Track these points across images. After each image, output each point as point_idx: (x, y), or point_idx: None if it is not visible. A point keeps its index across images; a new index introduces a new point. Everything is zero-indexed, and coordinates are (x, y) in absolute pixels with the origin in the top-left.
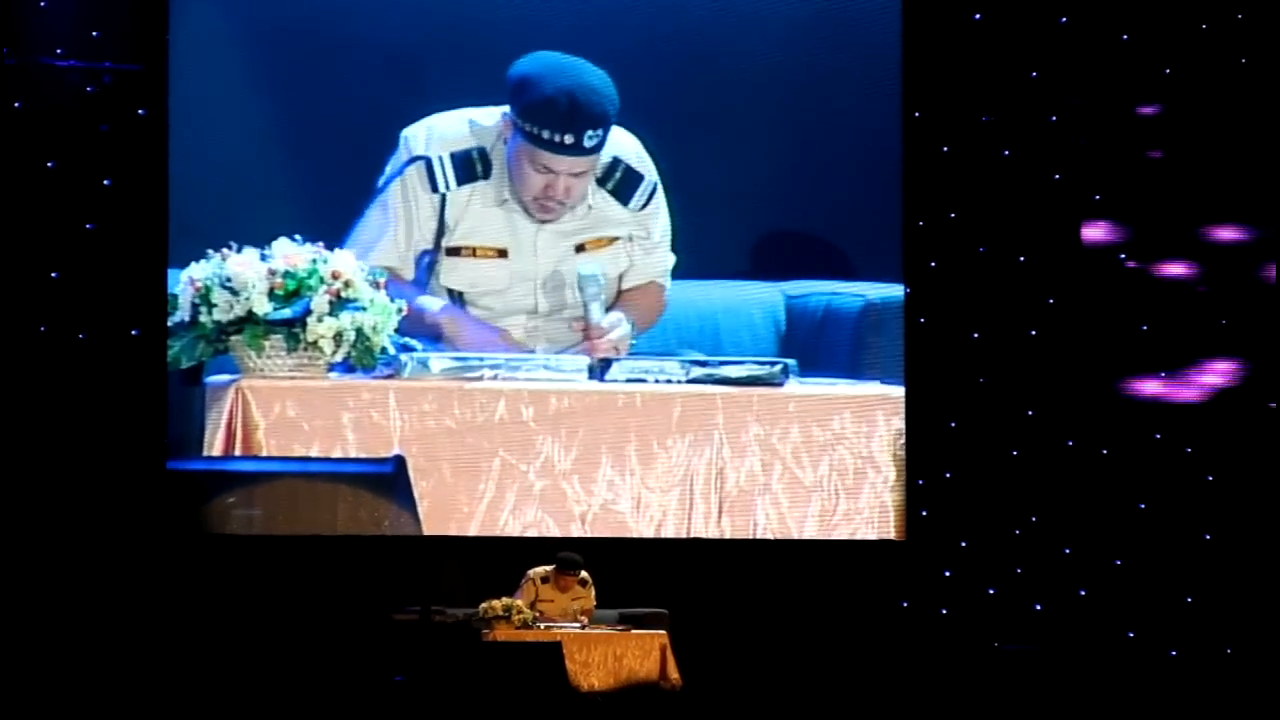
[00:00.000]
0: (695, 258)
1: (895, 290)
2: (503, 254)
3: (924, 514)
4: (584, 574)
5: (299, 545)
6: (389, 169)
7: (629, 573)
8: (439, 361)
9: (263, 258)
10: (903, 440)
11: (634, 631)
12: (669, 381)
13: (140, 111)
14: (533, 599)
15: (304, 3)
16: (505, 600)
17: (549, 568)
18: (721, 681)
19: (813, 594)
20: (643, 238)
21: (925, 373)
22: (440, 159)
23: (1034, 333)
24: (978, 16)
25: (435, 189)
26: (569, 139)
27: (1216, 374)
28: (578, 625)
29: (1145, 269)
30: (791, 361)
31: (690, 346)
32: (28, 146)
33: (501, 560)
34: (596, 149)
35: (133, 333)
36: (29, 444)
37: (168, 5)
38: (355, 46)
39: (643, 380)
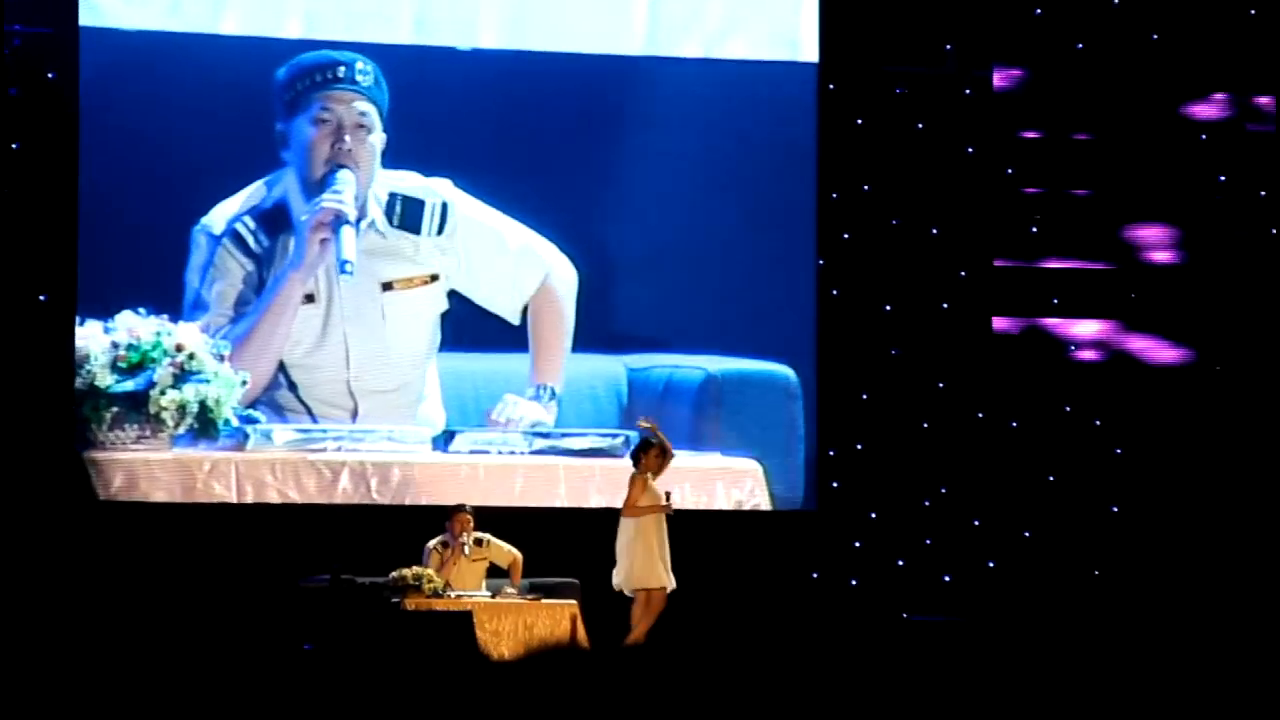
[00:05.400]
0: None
1: (736, 363)
2: (310, 299)
3: (834, 485)
4: (480, 534)
5: (205, 513)
6: (195, 265)
7: (542, 542)
8: (282, 433)
9: (106, 330)
10: (751, 504)
11: (545, 601)
12: (512, 453)
13: (50, 75)
14: (438, 565)
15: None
16: (416, 569)
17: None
18: (631, 651)
19: (724, 564)
20: (456, 264)
21: (837, 344)
22: (243, 222)
23: (945, 305)
24: None
25: (250, 253)
26: (341, 71)
27: (1128, 347)
28: (487, 594)
29: (1059, 239)
30: (633, 434)
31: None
32: None
33: (411, 529)
34: (370, 89)
35: (40, 298)
36: None
37: None
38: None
39: (485, 452)
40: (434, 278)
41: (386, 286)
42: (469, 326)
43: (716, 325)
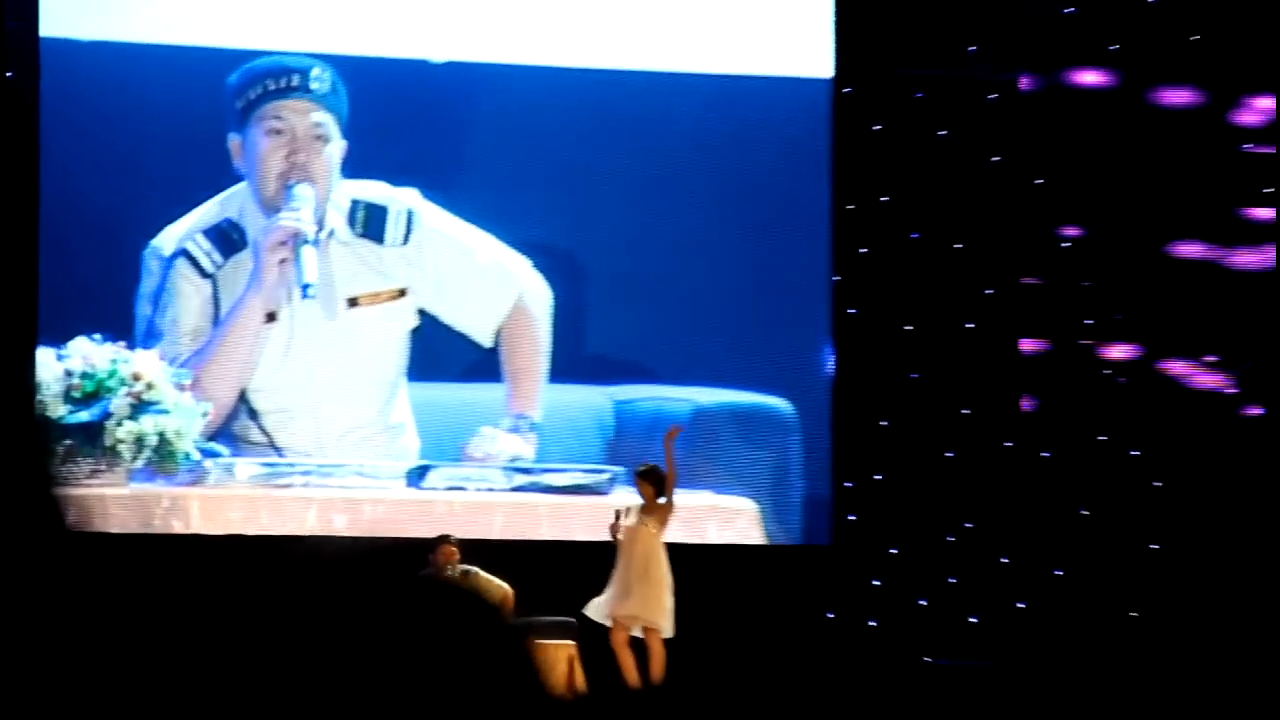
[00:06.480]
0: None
1: (728, 395)
2: (271, 318)
3: (851, 518)
4: (466, 566)
5: (166, 545)
6: (147, 291)
7: (540, 578)
8: (245, 468)
9: (59, 357)
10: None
11: (539, 641)
12: (490, 490)
13: (8, 74)
14: None
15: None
16: None
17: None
18: (635, 693)
19: (735, 602)
20: (424, 278)
21: (854, 366)
22: (195, 241)
23: (969, 326)
24: None
25: (205, 274)
26: (295, 79)
27: (1168, 371)
28: None
29: (1092, 255)
30: (619, 469)
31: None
32: None
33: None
34: (327, 96)
35: None
36: None
37: None
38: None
39: (462, 489)
40: (402, 292)
41: (352, 303)
42: (439, 354)
43: (719, 350)
